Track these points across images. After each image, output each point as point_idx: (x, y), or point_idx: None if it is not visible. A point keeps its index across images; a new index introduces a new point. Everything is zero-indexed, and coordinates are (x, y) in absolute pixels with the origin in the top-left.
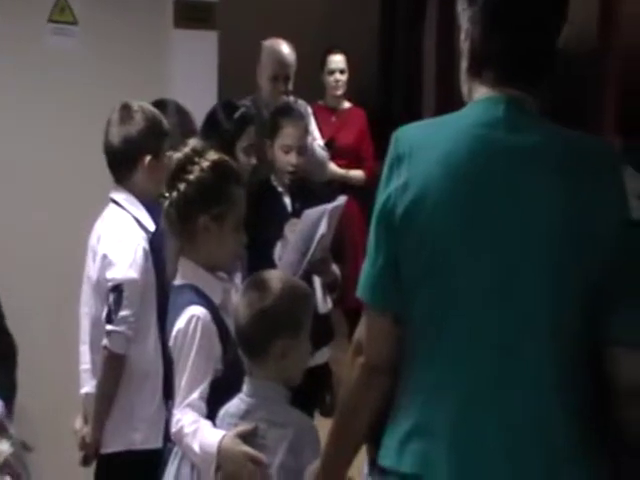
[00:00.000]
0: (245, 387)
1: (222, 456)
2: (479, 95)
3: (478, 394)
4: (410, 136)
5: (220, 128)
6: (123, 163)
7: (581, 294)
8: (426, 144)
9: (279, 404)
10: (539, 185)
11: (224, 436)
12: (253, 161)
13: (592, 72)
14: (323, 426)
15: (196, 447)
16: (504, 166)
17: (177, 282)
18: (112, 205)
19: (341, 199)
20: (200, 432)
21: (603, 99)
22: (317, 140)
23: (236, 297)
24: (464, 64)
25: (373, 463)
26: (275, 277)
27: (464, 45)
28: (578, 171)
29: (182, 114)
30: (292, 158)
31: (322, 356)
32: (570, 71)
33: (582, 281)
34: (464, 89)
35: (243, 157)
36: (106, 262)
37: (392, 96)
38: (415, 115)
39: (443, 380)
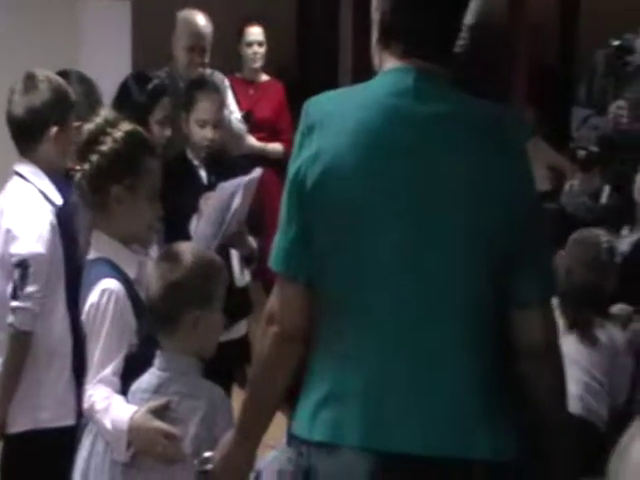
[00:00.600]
0: (157, 361)
1: (133, 432)
2: (389, 65)
3: (390, 362)
4: (321, 106)
5: (132, 100)
6: (27, 134)
7: (491, 260)
8: (337, 114)
9: (191, 376)
10: (449, 154)
11: (135, 412)
12: (167, 133)
13: (503, 45)
14: (242, 399)
15: (108, 423)
16: (414, 135)
17: (90, 256)
18: (16, 178)
19: (257, 172)
20: (112, 408)
21: (514, 72)
22: (234, 113)
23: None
24: (375, 35)
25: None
26: (187, 249)
27: (375, 16)
28: (487, 140)
29: (86, 84)
30: (208, 132)
31: (240, 329)
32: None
33: (491, 247)
34: (375, 59)
35: (157, 129)
36: (10, 237)
37: (310, 68)
38: (333, 88)
39: (356, 348)
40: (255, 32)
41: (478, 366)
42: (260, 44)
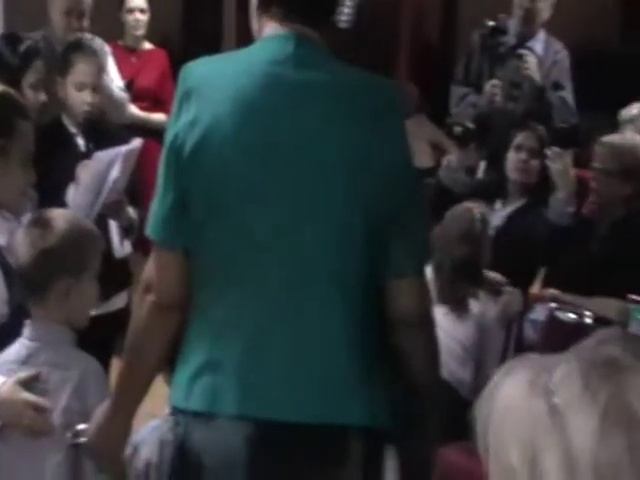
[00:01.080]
0: (26, 331)
1: (0, 405)
2: (269, 31)
3: (266, 330)
4: (199, 71)
5: (3, 61)
6: None
7: (367, 228)
8: (215, 80)
9: (63, 346)
10: (327, 122)
11: (3, 384)
12: (42, 98)
13: (389, 23)
14: None
15: None
16: (294, 103)
17: None
18: None
19: (136, 142)
20: None
21: (397, 49)
22: (115, 81)
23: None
24: (254, 0)
25: None
26: (59, 215)
27: None
28: (364, 109)
29: None
30: (86, 96)
31: (120, 301)
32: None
33: (367, 215)
34: (254, 24)
35: (30, 93)
36: None
37: (195, 38)
38: None
39: (233, 316)
40: None
41: (354, 334)
42: (142, 11)
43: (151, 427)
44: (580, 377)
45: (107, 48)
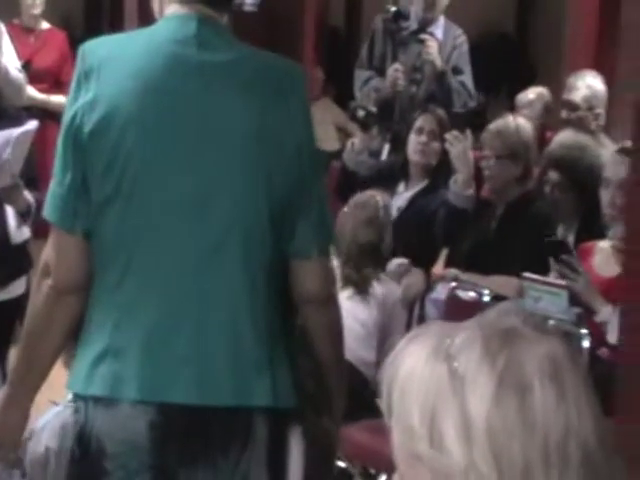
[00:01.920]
0: None
1: None
2: (170, 12)
3: (171, 311)
4: (98, 50)
5: None
6: None
7: (270, 208)
8: (116, 59)
9: None
10: (230, 102)
11: None
12: None
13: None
14: None
15: None
16: (197, 83)
17: None
18: None
19: (31, 124)
20: None
21: (302, 32)
22: (12, 61)
23: None
24: None
25: None
26: None
27: None
28: (267, 87)
29: None
30: None
31: (20, 286)
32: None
33: (270, 194)
34: (155, 5)
35: None
36: None
37: (99, 19)
38: None
39: (136, 299)
40: None
41: (258, 315)
42: None
43: (52, 413)
44: (480, 343)
45: (3, 27)
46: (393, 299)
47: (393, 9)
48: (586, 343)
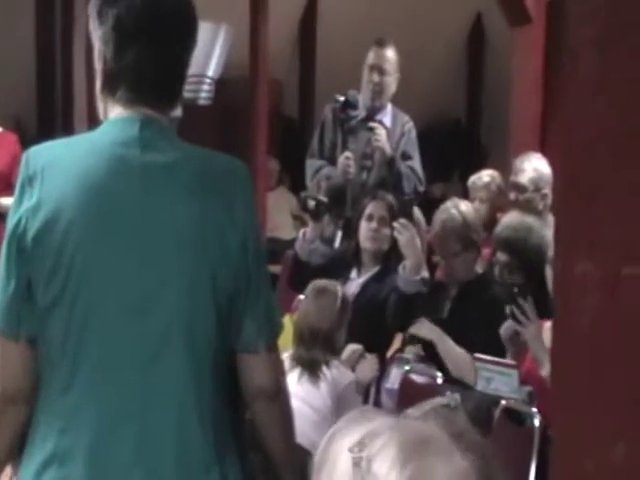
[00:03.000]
0: None
1: None
2: (115, 114)
3: (117, 413)
4: (42, 155)
5: None
6: None
7: (215, 305)
8: (59, 163)
9: None
10: (172, 203)
11: None
12: None
13: (247, 98)
14: None
15: None
16: (140, 184)
17: None
18: None
19: None
20: None
21: (256, 124)
22: None
23: None
24: (98, 83)
25: None
26: None
27: (98, 65)
28: (210, 187)
29: None
30: None
31: None
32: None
33: (216, 292)
34: (100, 108)
35: None
36: None
37: (51, 121)
38: None
39: (82, 403)
40: None
41: (205, 412)
42: None
43: None
44: (395, 450)
45: None
46: (344, 384)
47: (341, 98)
48: (536, 422)
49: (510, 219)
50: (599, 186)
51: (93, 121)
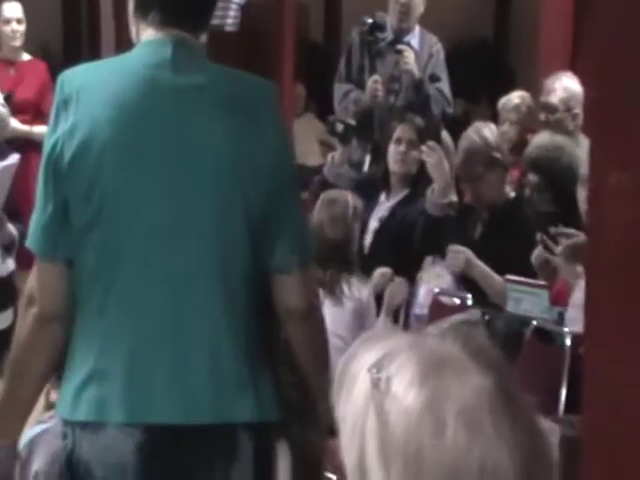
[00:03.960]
0: None
1: None
2: (146, 36)
3: (152, 332)
4: (76, 79)
5: None
6: None
7: (248, 225)
8: (93, 86)
9: None
10: (204, 124)
11: None
12: None
13: (272, 23)
14: None
15: None
16: (172, 105)
17: None
18: None
19: (13, 158)
20: None
21: (282, 49)
22: None
23: None
24: (131, 6)
25: None
26: None
27: None
28: (241, 107)
29: None
30: None
31: (6, 319)
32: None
33: (248, 212)
34: (132, 31)
35: None
36: None
37: (77, 48)
38: None
39: (117, 324)
40: (12, 8)
41: (238, 331)
42: (19, 21)
43: (39, 430)
44: (413, 369)
45: None
46: (363, 302)
47: (369, 21)
48: (568, 342)
49: (541, 139)
50: (634, 98)
51: (120, 46)
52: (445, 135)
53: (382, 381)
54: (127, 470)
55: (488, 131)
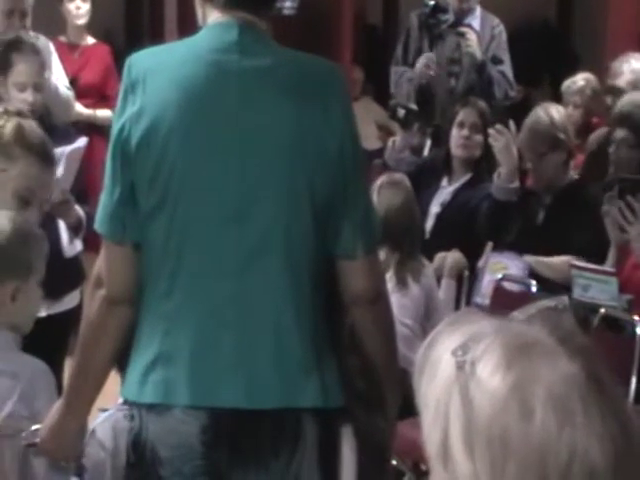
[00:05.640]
0: None
1: None
2: (212, 19)
3: (217, 316)
4: (144, 62)
5: None
6: None
7: (313, 210)
8: (160, 69)
9: (8, 351)
10: (270, 107)
11: None
12: None
13: (332, 7)
14: None
15: None
16: (238, 89)
17: None
18: None
19: (81, 141)
20: None
21: (340, 32)
22: (61, 79)
23: None
24: None
25: None
26: (3, 217)
27: None
28: (307, 91)
29: None
30: (28, 96)
31: (73, 299)
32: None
33: (313, 197)
34: (198, 14)
35: None
36: None
37: (139, 31)
38: None
39: (183, 307)
40: None
41: (303, 316)
42: None
43: (105, 415)
44: (499, 353)
45: (52, 47)
46: (431, 287)
47: (431, 3)
48: (638, 330)
49: (633, 96)
50: None
51: (183, 30)
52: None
53: (467, 363)
54: (192, 453)
55: (555, 111)
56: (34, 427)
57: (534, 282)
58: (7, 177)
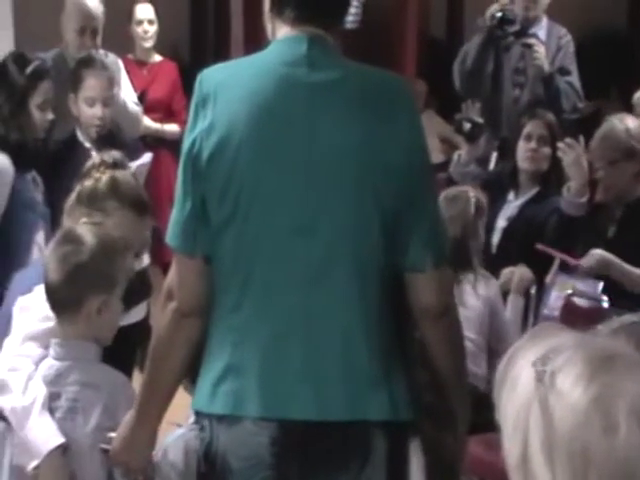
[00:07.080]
0: (54, 350)
1: (44, 465)
2: (282, 34)
3: (286, 329)
4: (214, 77)
5: (10, 81)
6: None
7: (380, 224)
8: (231, 84)
9: (92, 364)
10: (338, 121)
11: (52, 449)
12: (49, 117)
13: (394, 19)
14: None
15: (24, 429)
16: (306, 103)
17: None
18: None
19: (147, 157)
20: (32, 417)
21: (404, 45)
22: (130, 95)
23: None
24: (267, 4)
25: None
26: (87, 231)
27: None
28: (375, 104)
29: None
30: (97, 110)
31: (140, 312)
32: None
33: (380, 211)
34: (268, 29)
35: (38, 113)
36: None
37: (204, 47)
38: None
39: (252, 320)
40: (145, 10)
41: (372, 329)
42: (150, 22)
43: (176, 434)
44: (580, 365)
45: (120, 64)
46: (493, 299)
47: (499, 15)
48: None
49: None
50: None
51: (249, 46)
52: None
53: (547, 375)
54: (262, 464)
55: (631, 121)
56: (111, 434)
57: (605, 298)
58: (103, 230)
